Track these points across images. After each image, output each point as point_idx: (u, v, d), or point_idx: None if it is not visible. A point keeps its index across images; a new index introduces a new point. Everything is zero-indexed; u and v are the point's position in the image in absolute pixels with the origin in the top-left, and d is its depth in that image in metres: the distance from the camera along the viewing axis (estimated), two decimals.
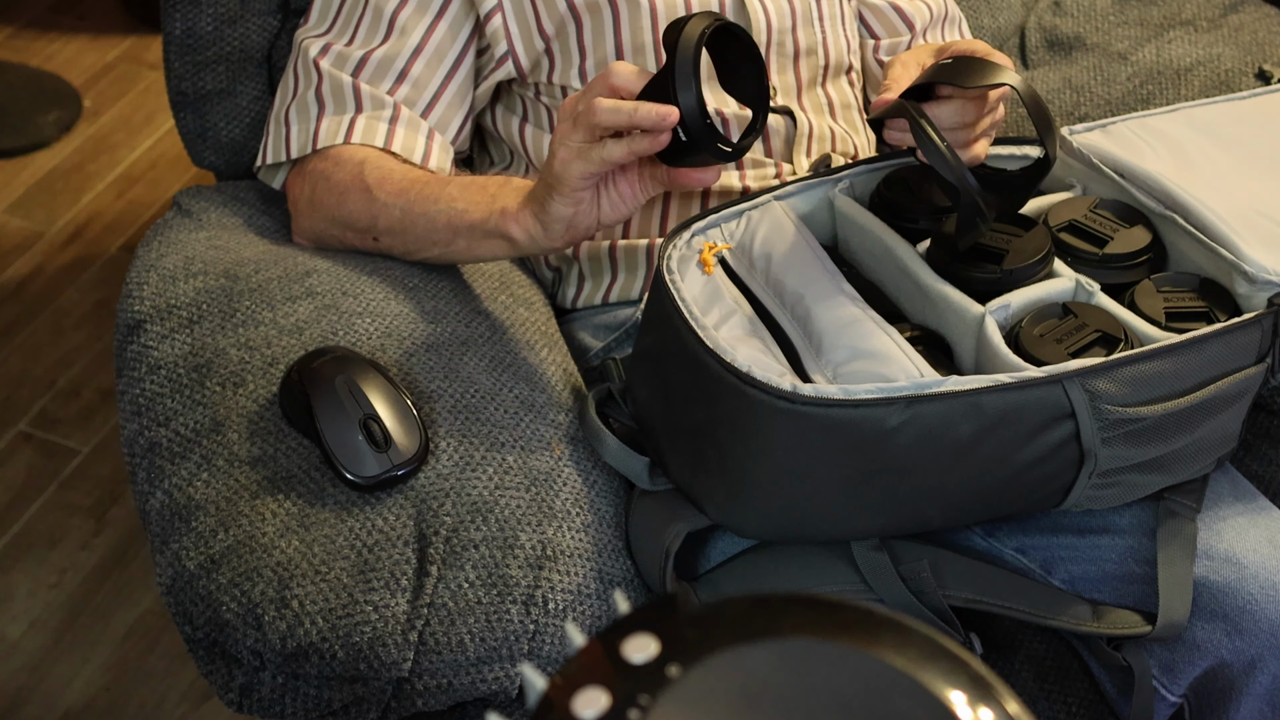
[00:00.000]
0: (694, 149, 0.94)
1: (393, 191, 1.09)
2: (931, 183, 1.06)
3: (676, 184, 0.98)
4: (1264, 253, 0.98)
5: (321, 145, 1.15)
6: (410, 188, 1.09)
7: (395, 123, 1.15)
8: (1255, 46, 1.46)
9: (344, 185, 1.12)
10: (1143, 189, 1.06)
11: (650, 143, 0.92)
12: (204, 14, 1.26)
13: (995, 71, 0.95)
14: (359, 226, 1.13)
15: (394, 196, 1.09)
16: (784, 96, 1.21)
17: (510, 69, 1.19)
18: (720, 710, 0.43)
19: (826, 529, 0.98)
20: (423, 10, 1.16)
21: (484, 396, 1.04)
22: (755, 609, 0.46)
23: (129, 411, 1.05)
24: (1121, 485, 0.97)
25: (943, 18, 1.34)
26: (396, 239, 1.12)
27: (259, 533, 0.94)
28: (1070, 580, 1.04)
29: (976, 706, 0.42)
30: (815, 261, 1.01)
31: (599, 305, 1.22)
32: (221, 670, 0.93)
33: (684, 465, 0.99)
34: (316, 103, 1.16)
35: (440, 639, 0.91)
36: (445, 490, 0.97)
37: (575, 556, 0.98)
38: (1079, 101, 1.44)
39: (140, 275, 1.13)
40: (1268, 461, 1.21)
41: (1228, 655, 0.98)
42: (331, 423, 0.97)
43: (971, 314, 0.96)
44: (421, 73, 1.16)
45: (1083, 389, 0.91)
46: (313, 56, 1.17)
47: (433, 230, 1.09)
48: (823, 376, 0.94)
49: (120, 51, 2.56)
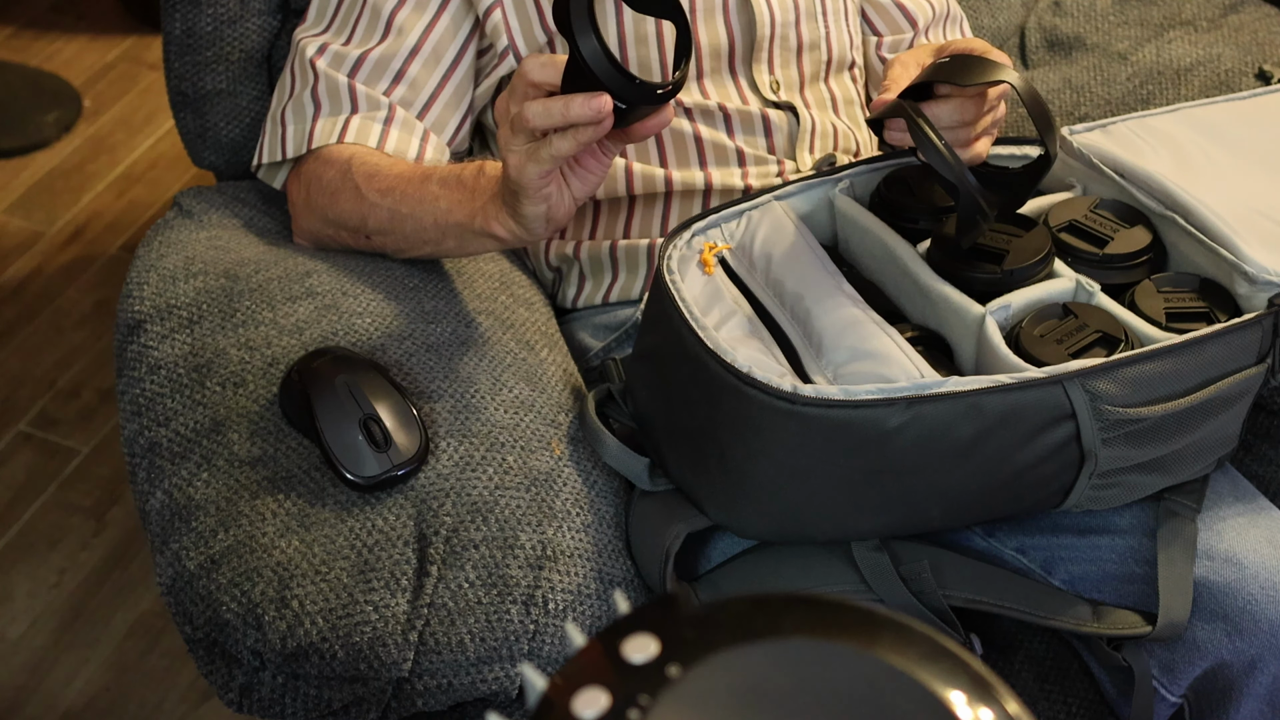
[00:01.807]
0: (633, 109, 0.89)
1: (380, 190, 1.09)
2: (932, 182, 1.06)
3: (635, 138, 0.95)
4: (1264, 253, 0.98)
5: (316, 145, 1.15)
6: (396, 186, 1.08)
7: (390, 124, 1.15)
8: (1255, 46, 1.46)
9: (335, 185, 1.12)
10: (1143, 189, 1.06)
11: (594, 131, 0.89)
12: (204, 14, 1.26)
13: (994, 69, 0.95)
14: (351, 226, 1.12)
15: (381, 196, 1.09)
16: (787, 91, 1.21)
17: (512, 64, 1.18)
18: (720, 710, 0.43)
19: (827, 529, 0.98)
20: (421, 9, 1.16)
21: (484, 396, 1.04)
22: (755, 609, 0.46)
23: (129, 411, 1.05)
24: (1122, 486, 0.97)
25: (945, 16, 1.34)
26: (388, 238, 1.12)
27: (259, 533, 0.94)
28: (1070, 580, 1.04)
29: (976, 706, 0.42)
30: (815, 262, 1.01)
31: (599, 305, 1.22)
32: (221, 670, 0.93)
33: (684, 466, 0.99)
34: (313, 103, 1.16)
35: (440, 639, 0.91)
36: (445, 490, 0.97)
37: (575, 557, 0.98)
38: (1079, 101, 1.44)
39: (140, 275, 1.13)
40: (1268, 461, 1.21)
41: (1228, 655, 0.98)
42: (332, 423, 0.97)
43: (972, 314, 0.96)
44: (418, 73, 1.16)
45: (1083, 389, 0.91)
46: (309, 56, 1.17)
47: (421, 230, 1.08)
48: (823, 377, 0.94)
49: (120, 51, 2.56)
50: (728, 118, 1.18)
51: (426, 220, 1.07)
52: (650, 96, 0.89)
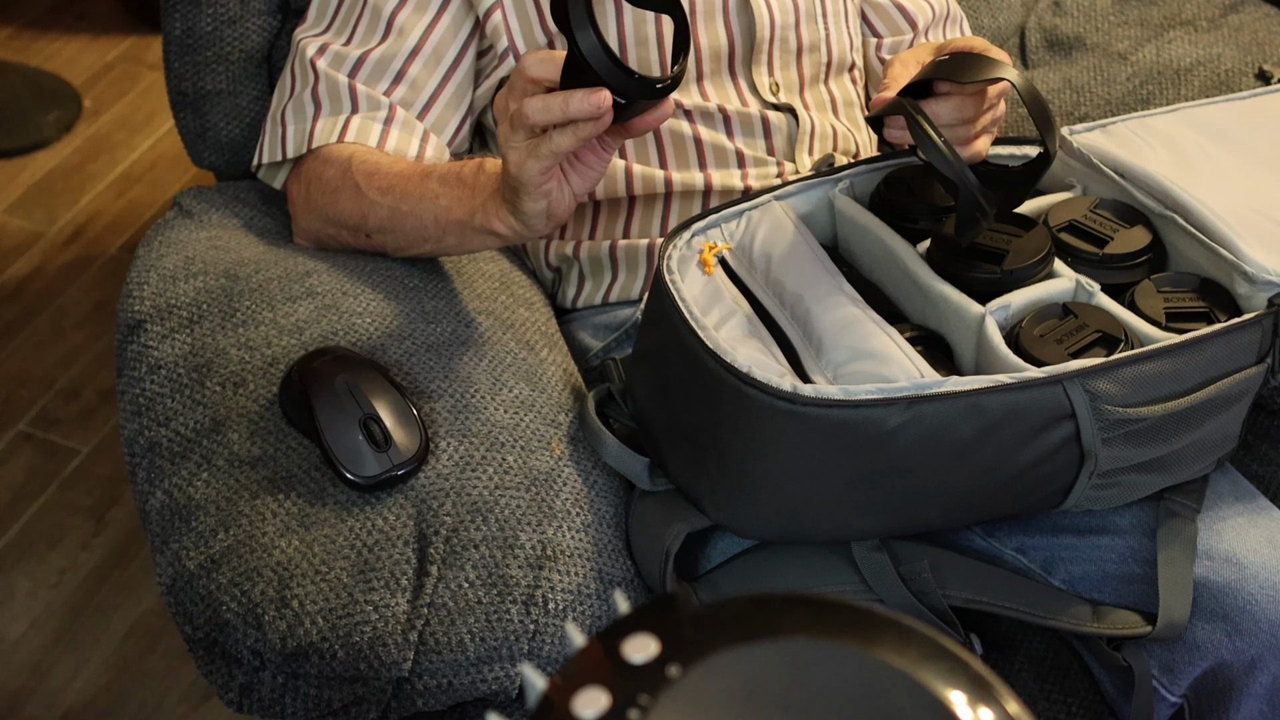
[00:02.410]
0: (632, 104, 0.89)
1: (380, 189, 1.09)
2: (932, 182, 1.06)
3: (634, 132, 0.95)
4: (1264, 253, 0.98)
5: (316, 145, 1.15)
6: (396, 184, 1.08)
7: (390, 123, 1.15)
8: (1255, 46, 1.46)
9: (335, 184, 1.12)
10: (1143, 189, 1.06)
11: (594, 126, 0.89)
12: (204, 14, 1.26)
13: (993, 67, 0.95)
14: (350, 225, 1.12)
15: (381, 194, 1.09)
16: (786, 93, 1.21)
17: (512, 65, 1.18)
18: (720, 710, 0.43)
19: (827, 529, 0.98)
20: (422, 10, 1.16)
21: (484, 396, 1.04)
22: (755, 609, 0.46)
23: (129, 411, 1.05)
24: (1122, 486, 0.97)
25: (944, 17, 1.35)
26: (389, 236, 1.12)
27: (259, 532, 0.94)
28: (1070, 580, 1.04)
29: (976, 706, 0.42)
30: (815, 262, 1.01)
31: (599, 305, 1.22)
32: (221, 670, 0.93)
33: (684, 465, 0.99)
34: (313, 103, 1.16)
35: (440, 639, 0.91)
36: (445, 490, 0.97)
37: (575, 556, 0.98)
38: (1079, 101, 1.44)
39: (141, 275, 1.13)
40: (1268, 461, 1.21)
41: (1228, 655, 0.98)
42: (332, 422, 0.97)
43: (972, 314, 0.96)
44: (419, 74, 1.16)
45: (1083, 389, 0.91)
46: (309, 56, 1.17)
47: (421, 228, 1.08)
48: (823, 377, 0.94)
49: (120, 51, 2.56)
50: (727, 119, 1.18)
51: (427, 218, 1.07)
52: (649, 91, 0.89)
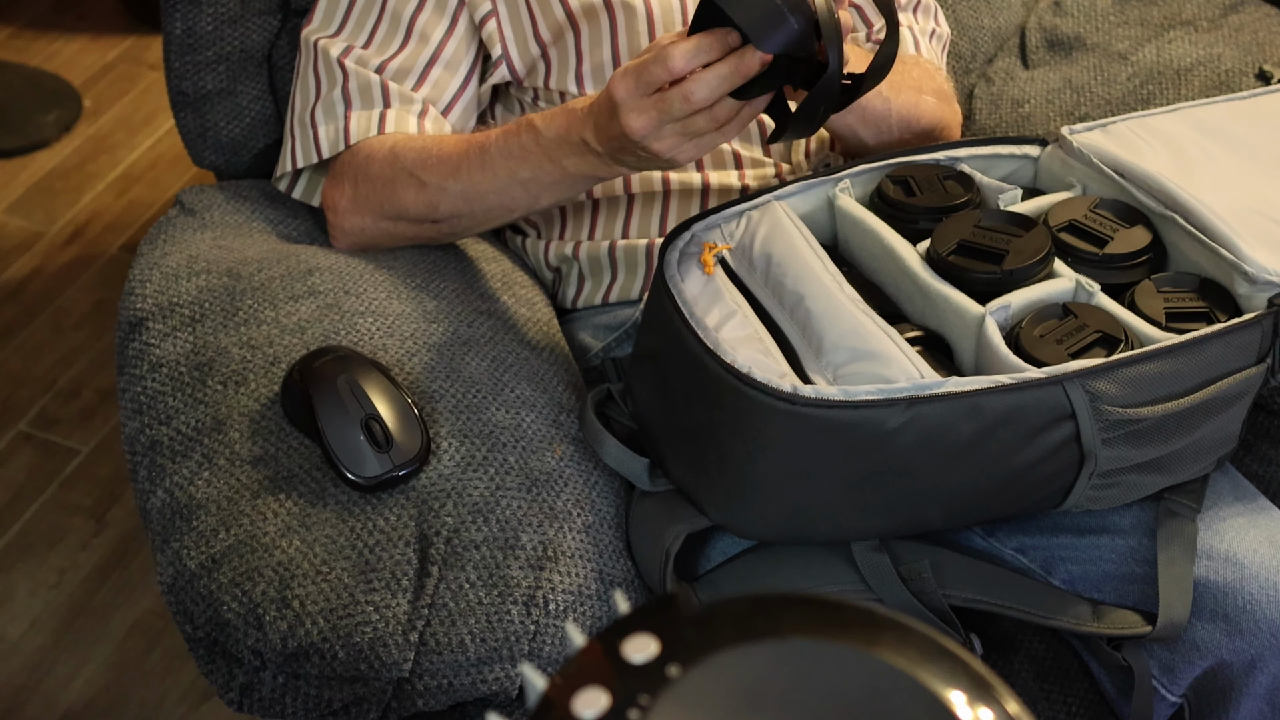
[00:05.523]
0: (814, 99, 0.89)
1: (443, 173, 1.08)
2: (932, 182, 1.06)
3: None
4: (1264, 253, 0.98)
5: (354, 140, 1.14)
6: (460, 164, 1.07)
7: (424, 117, 1.15)
8: (1255, 46, 1.46)
9: (385, 177, 1.11)
10: (1143, 189, 1.06)
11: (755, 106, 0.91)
12: (204, 14, 1.26)
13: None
14: (413, 216, 1.12)
15: (446, 178, 1.08)
16: None
17: (505, 73, 1.19)
18: (720, 710, 0.43)
19: (827, 530, 0.98)
20: (440, 13, 1.16)
21: (485, 397, 1.04)
22: (755, 609, 0.46)
23: (130, 410, 1.05)
24: (1122, 486, 0.97)
25: (915, 4, 1.32)
26: (461, 220, 1.11)
27: (260, 532, 0.94)
28: (1070, 580, 1.04)
29: (976, 706, 0.42)
30: (815, 262, 1.01)
31: (599, 305, 1.22)
32: (222, 670, 0.93)
33: (684, 466, 0.99)
34: (343, 100, 1.15)
35: (441, 639, 0.91)
36: (446, 491, 0.97)
37: (576, 557, 0.98)
38: (1079, 101, 1.44)
39: (143, 273, 1.13)
40: (1268, 461, 1.21)
41: (1228, 655, 0.98)
42: (333, 422, 0.97)
43: (971, 314, 0.96)
44: (440, 75, 1.16)
45: (1083, 390, 0.91)
46: (335, 56, 1.16)
47: (509, 199, 1.08)
48: (823, 378, 0.94)
49: (120, 51, 2.56)
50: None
51: (515, 191, 1.06)
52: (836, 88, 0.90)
